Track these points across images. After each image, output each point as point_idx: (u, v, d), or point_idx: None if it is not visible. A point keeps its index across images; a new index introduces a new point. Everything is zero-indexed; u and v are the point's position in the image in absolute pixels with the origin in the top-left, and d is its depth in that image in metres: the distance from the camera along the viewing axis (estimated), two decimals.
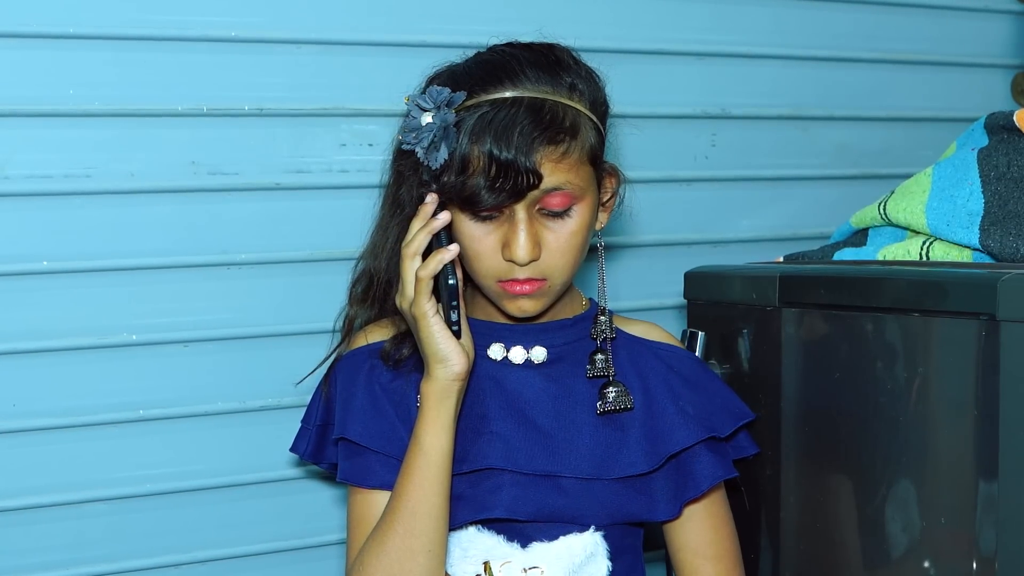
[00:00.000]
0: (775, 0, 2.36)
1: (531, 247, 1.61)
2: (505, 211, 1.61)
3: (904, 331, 1.60)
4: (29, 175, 1.85)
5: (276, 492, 2.03)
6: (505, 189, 1.58)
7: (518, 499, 1.66)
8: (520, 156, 1.57)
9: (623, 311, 1.88)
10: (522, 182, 1.58)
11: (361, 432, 1.68)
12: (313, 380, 1.82)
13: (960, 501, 1.51)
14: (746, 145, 2.36)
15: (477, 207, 1.60)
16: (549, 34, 1.74)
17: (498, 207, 1.60)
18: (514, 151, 1.57)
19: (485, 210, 1.60)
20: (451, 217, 1.62)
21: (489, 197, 1.58)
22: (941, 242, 1.80)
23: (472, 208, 1.61)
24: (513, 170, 1.57)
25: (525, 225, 1.61)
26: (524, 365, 1.72)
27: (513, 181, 1.58)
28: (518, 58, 1.66)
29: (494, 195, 1.58)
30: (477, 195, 1.59)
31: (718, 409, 1.76)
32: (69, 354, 1.89)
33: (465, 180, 1.59)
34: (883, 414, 1.62)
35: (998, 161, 1.79)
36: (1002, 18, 2.57)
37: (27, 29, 1.84)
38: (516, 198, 1.59)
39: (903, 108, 2.50)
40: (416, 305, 1.59)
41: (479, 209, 1.60)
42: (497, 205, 1.59)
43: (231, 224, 1.97)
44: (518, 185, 1.58)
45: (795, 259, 2.00)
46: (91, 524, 1.92)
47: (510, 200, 1.59)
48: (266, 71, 1.98)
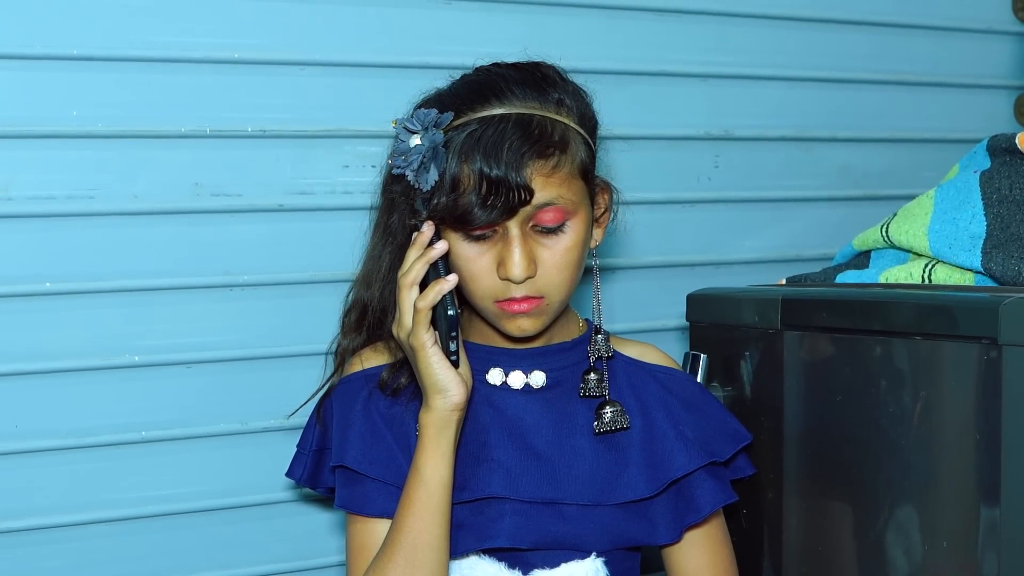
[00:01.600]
0: (778, 22, 2.36)
1: (526, 264, 1.61)
2: (499, 230, 1.61)
3: (906, 354, 1.60)
4: (33, 196, 1.86)
5: (279, 513, 2.03)
6: (497, 206, 1.57)
7: (520, 527, 1.65)
8: (511, 172, 1.57)
9: (625, 333, 1.88)
10: (514, 198, 1.57)
11: (359, 460, 1.67)
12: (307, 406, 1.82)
13: (962, 525, 1.51)
14: (749, 166, 2.36)
15: (470, 225, 1.60)
16: (553, 56, 1.74)
17: (491, 224, 1.60)
18: (504, 167, 1.57)
19: (478, 228, 1.60)
20: (448, 246, 1.61)
21: (482, 214, 1.58)
22: (943, 265, 1.80)
23: (465, 226, 1.60)
24: (504, 186, 1.57)
25: (519, 242, 1.61)
26: (523, 390, 1.72)
27: (505, 197, 1.57)
28: (504, 76, 1.67)
29: (486, 212, 1.58)
30: (469, 213, 1.58)
31: (717, 432, 1.76)
32: (72, 375, 1.89)
33: (457, 199, 1.58)
34: (885, 437, 1.62)
35: (1000, 184, 1.80)
36: (1005, 39, 2.57)
37: (31, 51, 1.84)
38: (509, 215, 1.59)
39: (906, 129, 2.50)
40: (415, 336, 1.59)
41: (472, 227, 1.60)
42: (490, 222, 1.59)
43: (234, 245, 1.97)
44: (510, 201, 1.58)
45: (797, 281, 2.00)
46: (93, 545, 1.92)
47: (503, 217, 1.59)
48: (269, 93, 1.98)
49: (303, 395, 1.89)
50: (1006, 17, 2.56)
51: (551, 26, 2.17)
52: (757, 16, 2.34)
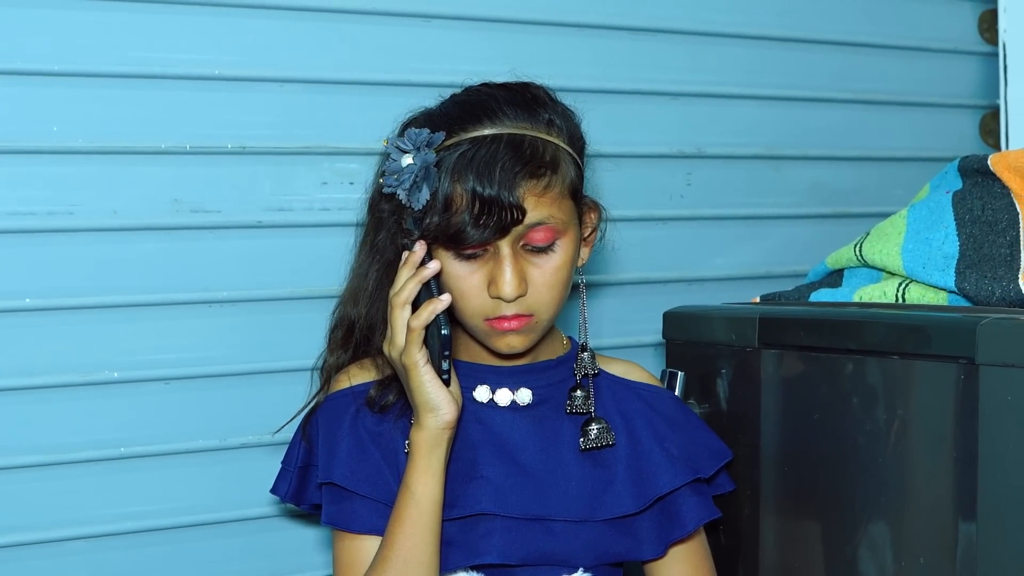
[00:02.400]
0: (749, 41, 2.39)
1: (517, 283, 1.62)
2: (489, 249, 1.62)
3: (883, 374, 1.62)
4: (12, 212, 1.85)
5: (257, 529, 2.02)
6: (490, 225, 1.59)
7: (510, 544, 1.66)
8: (503, 191, 1.59)
9: (601, 349, 1.89)
10: (506, 217, 1.59)
11: (347, 476, 1.67)
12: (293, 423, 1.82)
13: (939, 542, 1.54)
14: (721, 184, 2.38)
15: (462, 244, 1.61)
16: (529, 74, 1.76)
17: (483, 243, 1.61)
18: (497, 187, 1.58)
19: (471, 247, 1.61)
20: (440, 266, 1.62)
21: (474, 233, 1.59)
22: (917, 284, 1.82)
23: (458, 245, 1.61)
24: (497, 206, 1.58)
25: (510, 261, 1.62)
26: (510, 407, 1.73)
27: (497, 216, 1.59)
28: (495, 96, 1.68)
29: (479, 231, 1.59)
30: (462, 232, 1.59)
31: (700, 450, 1.78)
32: (51, 391, 1.89)
33: (449, 218, 1.60)
34: (862, 455, 1.64)
35: (972, 204, 1.82)
36: (971, 59, 2.61)
37: (10, 66, 1.84)
38: (501, 234, 1.60)
39: (874, 148, 2.53)
40: (407, 355, 1.60)
41: (464, 247, 1.61)
42: (482, 241, 1.60)
43: (213, 262, 1.97)
44: (502, 220, 1.59)
45: (771, 299, 2.02)
46: (72, 562, 1.91)
47: (495, 236, 1.60)
48: (249, 109, 1.99)
49: (283, 411, 1.89)
50: (972, 37, 2.60)
51: (527, 44, 2.19)
52: (728, 35, 2.37)
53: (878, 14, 2.51)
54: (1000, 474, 1.47)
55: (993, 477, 1.47)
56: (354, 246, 1.80)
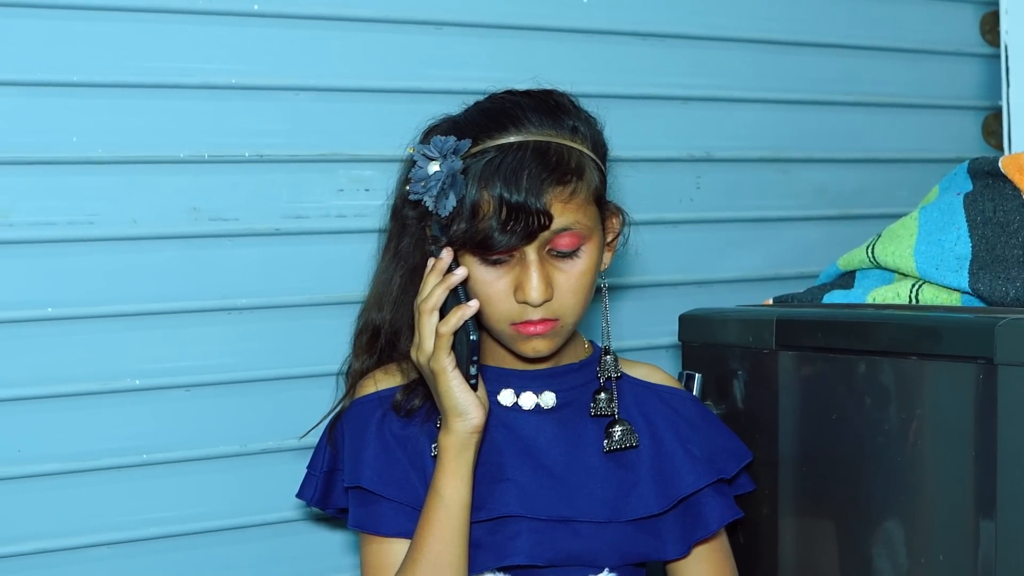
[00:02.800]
0: (755, 46, 2.41)
1: (544, 288, 1.64)
2: (515, 254, 1.64)
3: (902, 374, 1.64)
4: (33, 222, 1.87)
5: (277, 534, 2.04)
6: (517, 231, 1.61)
7: (537, 545, 1.68)
8: (531, 198, 1.61)
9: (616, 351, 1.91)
10: (533, 223, 1.61)
11: (375, 480, 1.69)
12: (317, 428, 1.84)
13: (958, 539, 1.55)
14: (729, 187, 2.40)
15: (490, 250, 1.63)
16: (540, 79, 1.78)
17: (511, 249, 1.63)
18: (524, 193, 1.60)
19: (498, 253, 1.63)
20: (467, 272, 1.64)
21: (502, 239, 1.61)
22: (930, 285, 1.84)
23: (485, 251, 1.63)
24: (524, 212, 1.60)
25: (537, 267, 1.64)
26: (534, 411, 1.75)
27: (525, 223, 1.60)
28: (520, 104, 1.70)
29: (507, 237, 1.61)
30: (490, 238, 1.61)
31: (721, 450, 1.80)
32: (73, 399, 1.90)
33: (476, 225, 1.62)
34: (880, 455, 1.66)
35: (984, 206, 1.84)
36: (973, 61, 2.63)
37: (31, 77, 1.86)
38: (528, 240, 1.62)
39: (879, 150, 2.55)
40: (435, 360, 1.61)
41: (492, 252, 1.63)
42: (510, 247, 1.62)
43: (231, 269, 1.99)
44: (530, 226, 1.61)
45: (784, 301, 2.04)
46: (96, 568, 1.92)
47: (522, 242, 1.62)
48: (265, 118, 2.00)
49: (302, 416, 1.92)
50: (974, 40, 2.63)
51: (537, 51, 2.21)
52: (735, 40, 2.39)
53: (881, 17, 2.53)
54: (1019, 472, 1.48)
55: (1012, 475, 1.49)
56: (377, 252, 1.82)
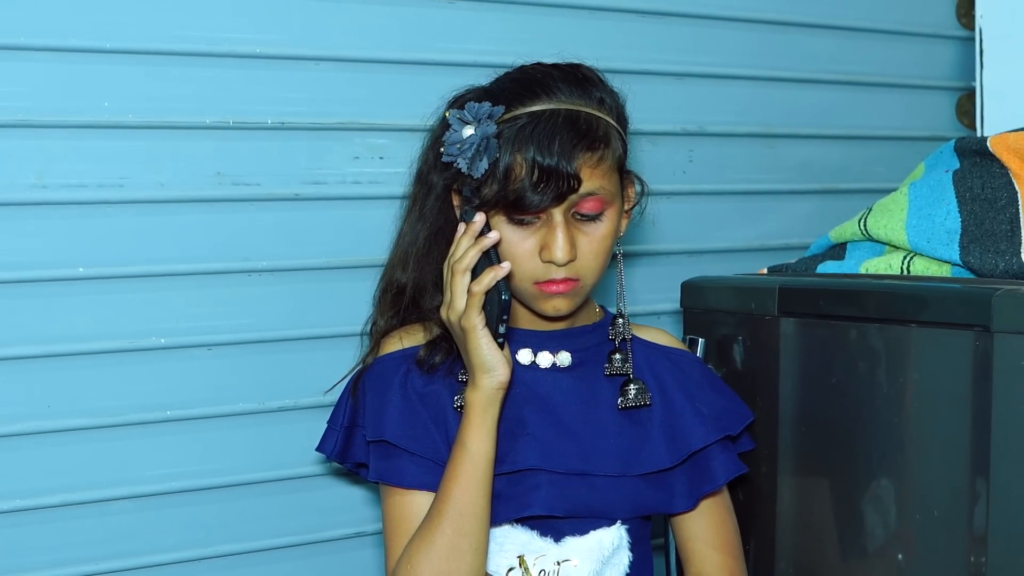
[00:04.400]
0: (747, 25, 2.49)
1: (569, 248, 1.72)
2: (542, 216, 1.72)
3: (900, 341, 1.73)
4: (66, 184, 1.92)
5: (294, 488, 2.10)
6: (548, 193, 1.69)
7: (555, 497, 1.76)
8: (562, 162, 1.69)
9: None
10: (563, 185, 1.69)
11: (398, 434, 1.76)
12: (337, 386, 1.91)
13: (952, 497, 1.64)
14: (720, 161, 2.48)
15: (522, 210, 1.71)
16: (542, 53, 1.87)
17: (541, 210, 1.71)
18: (556, 157, 1.69)
19: (529, 213, 1.71)
20: (499, 235, 1.71)
21: (535, 198, 1.69)
22: (921, 257, 1.92)
23: (517, 211, 1.71)
24: (556, 175, 1.69)
25: (563, 228, 1.72)
26: (551, 369, 1.83)
27: (556, 185, 1.69)
28: (550, 74, 1.79)
29: (538, 197, 1.69)
30: (522, 198, 1.69)
31: (726, 410, 1.89)
32: (101, 357, 1.95)
33: (509, 186, 1.70)
34: (879, 417, 1.75)
35: (972, 183, 1.92)
36: (949, 43, 2.73)
37: (65, 43, 1.90)
38: (557, 201, 1.71)
39: (860, 127, 2.64)
40: (467, 318, 1.68)
41: (524, 212, 1.71)
42: (541, 208, 1.70)
43: (253, 233, 2.04)
44: (560, 188, 1.69)
45: (779, 270, 2.13)
46: (120, 520, 1.98)
47: (552, 203, 1.70)
48: (287, 87, 2.06)
49: (319, 374, 1.99)
50: (950, 23, 2.72)
51: (541, 26, 2.28)
52: (728, 19, 2.47)
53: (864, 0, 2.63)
54: (1013, 433, 1.57)
55: (1006, 436, 1.58)
56: (400, 214, 1.89)
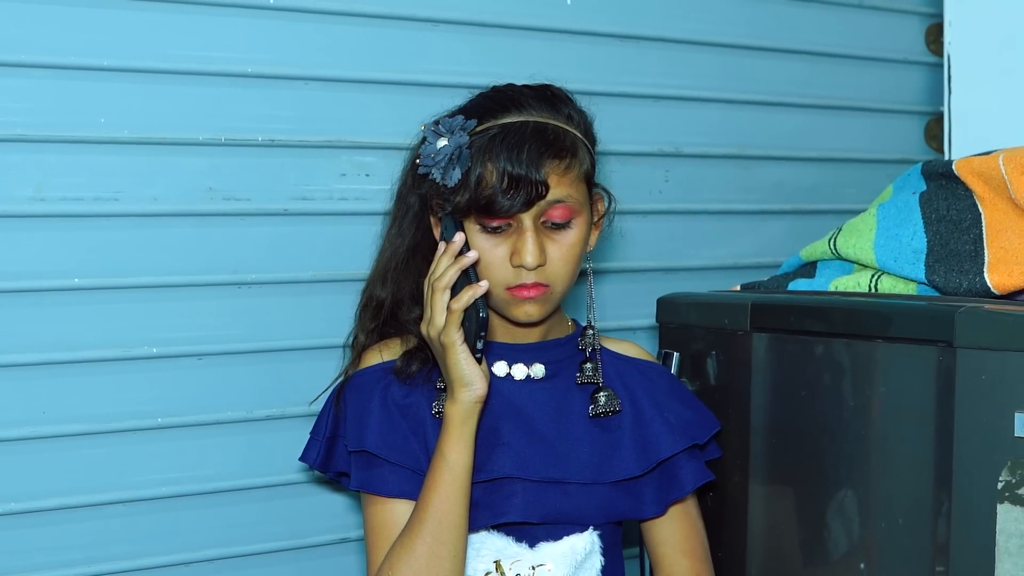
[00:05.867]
0: (722, 49, 2.56)
1: (538, 253, 1.80)
2: (513, 223, 1.80)
3: (868, 355, 1.80)
4: (63, 197, 1.96)
5: (280, 495, 2.14)
6: (517, 199, 1.77)
7: (530, 504, 1.82)
8: (531, 169, 1.77)
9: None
10: (532, 192, 1.78)
11: (379, 444, 1.82)
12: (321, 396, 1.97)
13: (917, 504, 1.70)
14: (695, 181, 2.54)
15: (492, 215, 1.78)
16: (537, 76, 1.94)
17: (511, 215, 1.79)
18: (525, 165, 1.77)
19: (500, 218, 1.79)
20: (478, 255, 1.77)
21: (505, 203, 1.77)
22: (888, 276, 1.99)
23: (487, 216, 1.79)
24: (525, 182, 1.77)
25: (532, 234, 1.80)
26: (526, 381, 1.90)
27: (525, 191, 1.77)
28: (521, 92, 1.88)
29: (508, 202, 1.77)
30: (493, 204, 1.77)
31: (694, 419, 1.95)
32: (95, 365, 1.99)
33: (481, 192, 1.78)
34: (847, 429, 1.81)
35: (938, 205, 1.98)
36: (918, 69, 2.80)
37: (63, 61, 1.95)
38: (526, 207, 1.78)
39: (831, 149, 2.71)
40: (446, 334, 1.74)
41: (494, 217, 1.79)
42: (510, 213, 1.78)
43: (242, 246, 2.09)
44: (529, 194, 1.78)
45: (752, 287, 2.19)
46: (111, 524, 2.02)
47: (522, 209, 1.78)
48: (277, 105, 2.11)
49: (305, 385, 2.05)
50: (920, 49, 2.80)
51: (522, 48, 2.34)
52: (703, 43, 2.53)
53: (836, 26, 2.69)
54: (974, 446, 1.63)
55: (968, 449, 1.64)
56: (382, 232, 1.96)
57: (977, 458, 1.63)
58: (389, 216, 1.96)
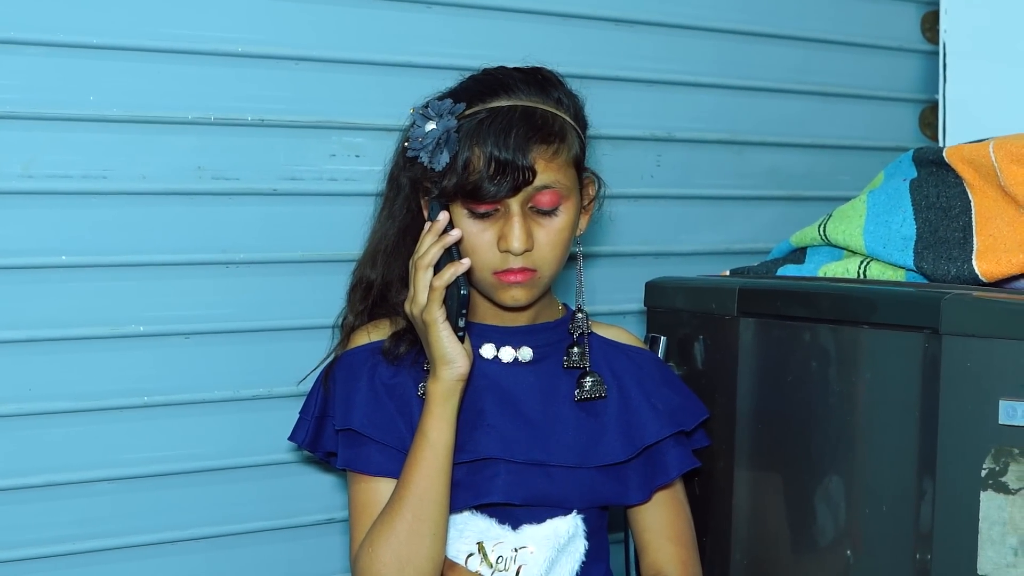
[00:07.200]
0: (716, 34, 2.56)
1: (525, 237, 1.80)
2: (500, 208, 1.80)
3: (854, 341, 1.80)
4: (51, 175, 1.96)
5: (267, 475, 2.15)
6: (504, 184, 1.77)
7: (512, 485, 1.83)
8: (518, 154, 1.77)
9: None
10: (519, 177, 1.77)
11: (365, 423, 1.82)
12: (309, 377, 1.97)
13: (901, 492, 1.71)
14: (688, 166, 2.54)
15: (479, 200, 1.78)
16: (529, 59, 1.93)
17: (498, 200, 1.78)
18: (512, 150, 1.77)
19: (486, 204, 1.79)
20: (461, 233, 1.78)
21: (491, 188, 1.77)
22: (877, 262, 1.99)
23: (474, 201, 1.79)
24: (511, 167, 1.77)
25: (519, 219, 1.80)
26: (513, 363, 1.90)
27: (511, 176, 1.77)
28: (511, 75, 1.87)
29: (495, 187, 1.77)
30: (480, 188, 1.77)
31: (681, 406, 1.95)
32: (82, 343, 2.00)
33: (468, 177, 1.77)
34: (833, 415, 1.82)
35: (928, 192, 1.98)
36: (914, 56, 2.80)
37: (53, 38, 1.95)
38: (513, 192, 1.78)
39: (825, 136, 2.71)
40: (428, 312, 1.75)
41: (481, 202, 1.78)
42: (497, 198, 1.78)
43: (231, 226, 2.09)
44: (516, 180, 1.77)
45: (741, 272, 2.19)
46: (98, 502, 2.02)
47: (508, 194, 1.78)
48: (267, 85, 2.11)
49: (292, 365, 2.06)
50: (915, 36, 2.80)
51: (516, 31, 2.34)
52: (698, 28, 2.53)
53: (832, 12, 2.69)
54: (958, 433, 1.64)
55: (952, 436, 1.64)
56: (373, 214, 1.95)
57: (961, 445, 1.64)
58: (381, 197, 1.96)
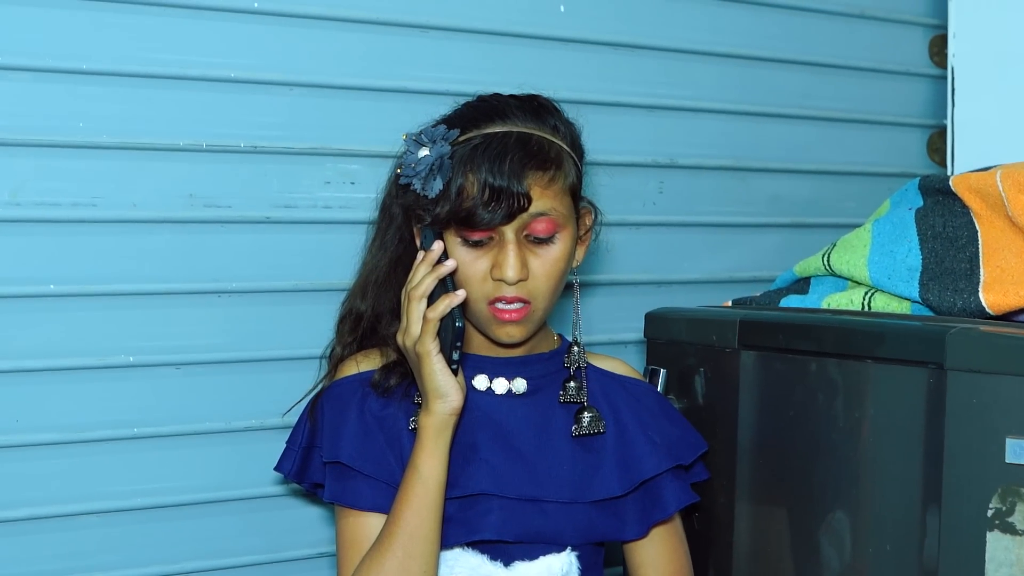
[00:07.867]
0: (719, 59, 2.53)
1: (519, 266, 1.76)
2: (495, 236, 1.76)
3: (857, 375, 1.76)
4: (40, 202, 1.93)
5: (257, 508, 2.11)
6: (499, 211, 1.73)
7: (506, 522, 1.79)
8: (512, 181, 1.73)
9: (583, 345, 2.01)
10: (514, 204, 1.73)
11: (353, 456, 1.79)
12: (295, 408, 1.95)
13: (905, 531, 1.67)
14: (691, 193, 2.51)
15: (473, 228, 1.74)
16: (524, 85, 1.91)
17: (492, 227, 1.74)
18: (507, 177, 1.73)
19: (480, 231, 1.75)
20: (456, 264, 1.74)
21: (485, 216, 1.73)
22: (882, 293, 1.95)
23: (468, 229, 1.75)
24: (506, 194, 1.73)
25: (514, 247, 1.76)
26: (506, 395, 1.86)
27: (506, 203, 1.73)
28: (506, 102, 1.84)
29: (489, 215, 1.73)
30: (473, 215, 1.73)
31: (680, 439, 1.92)
32: (71, 373, 1.97)
33: (461, 203, 1.73)
34: (835, 451, 1.78)
35: (934, 221, 1.95)
36: (921, 81, 2.77)
37: (43, 64, 1.92)
38: (508, 219, 1.74)
39: (831, 162, 2.68)
40: (421, 344, 1.71)
41: (475, 229, 1.75)
42: (491, 225, 1.74)
43: (223, 254, 2.07)
44: (510, 207, 1.73)
45: (743, 303, 2.16)
46: (86, 535, 1.99)
47: (503, 221, 1.74)
48: (260, 111, 2.08)
49: (285, 396, 2.02)
50: (923, 61, 2.76)
51: (515, 56, 2.31)
52: (701, 53, 2.50)
53: (838, 37, 2.66)
54: (965, 467, 1.60)
55: (957, 472, 1.60)
56: (365, 244, 1.92)
57: (967, 484, 1.60)
58: (373, 227, 1.93)
